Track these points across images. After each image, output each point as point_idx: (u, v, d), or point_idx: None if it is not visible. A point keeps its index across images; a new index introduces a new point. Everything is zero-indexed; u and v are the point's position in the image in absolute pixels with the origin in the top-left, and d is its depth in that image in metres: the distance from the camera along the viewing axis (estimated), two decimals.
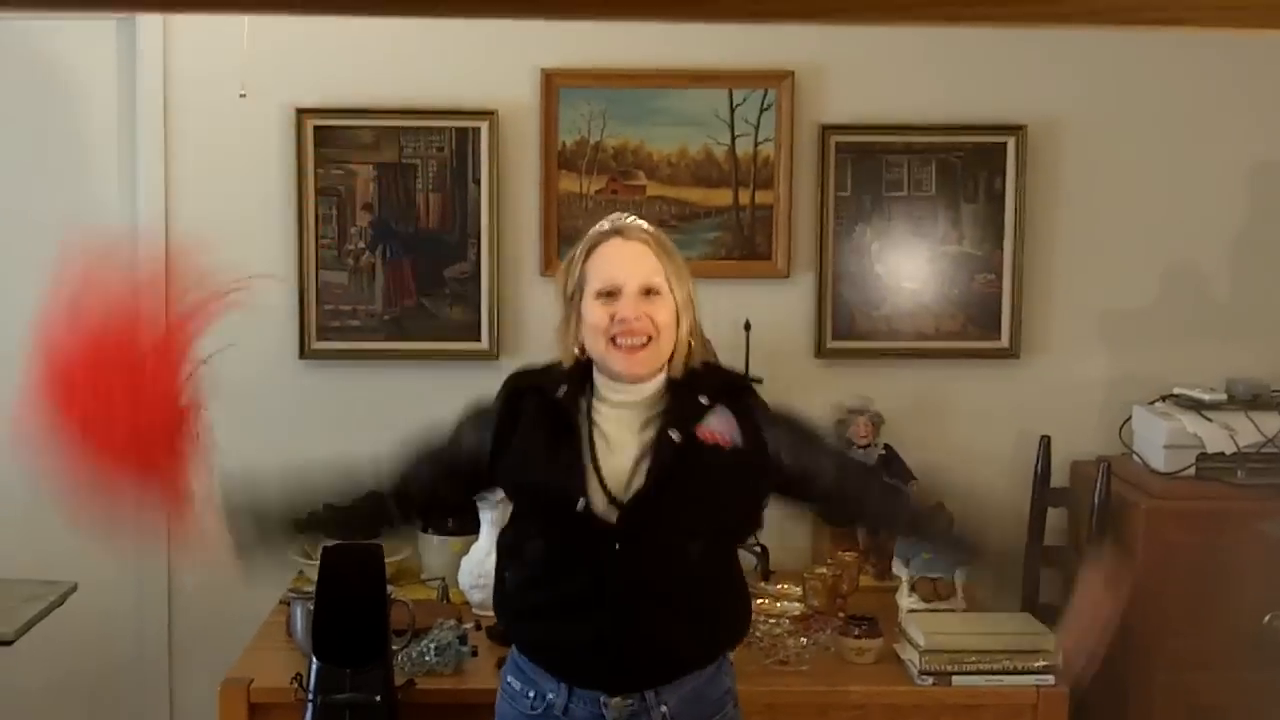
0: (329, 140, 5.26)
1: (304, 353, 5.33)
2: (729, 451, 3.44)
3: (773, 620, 4.52)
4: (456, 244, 5.30)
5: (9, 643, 4.39)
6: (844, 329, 5.39)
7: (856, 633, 4.40)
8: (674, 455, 3.37)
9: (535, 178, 5.32)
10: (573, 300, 3.45)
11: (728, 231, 5.34)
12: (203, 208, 5.31)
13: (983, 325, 5.39)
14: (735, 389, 3.55)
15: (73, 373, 3.22)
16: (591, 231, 3.50)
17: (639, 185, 5.31)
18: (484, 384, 3.70)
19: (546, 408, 3.45)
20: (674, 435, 3.38)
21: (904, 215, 5.35)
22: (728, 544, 3.62)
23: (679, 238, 5.02)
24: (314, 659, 3.86)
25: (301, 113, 5.24)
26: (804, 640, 4.45)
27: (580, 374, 3.47)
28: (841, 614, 4.65)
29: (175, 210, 5.28)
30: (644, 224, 3.49)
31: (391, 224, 5.30)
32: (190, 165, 5.30)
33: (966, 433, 5.45)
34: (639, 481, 3.37)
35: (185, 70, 5.26)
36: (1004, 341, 5.39)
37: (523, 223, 5.34)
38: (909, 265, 5.38)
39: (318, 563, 4.08)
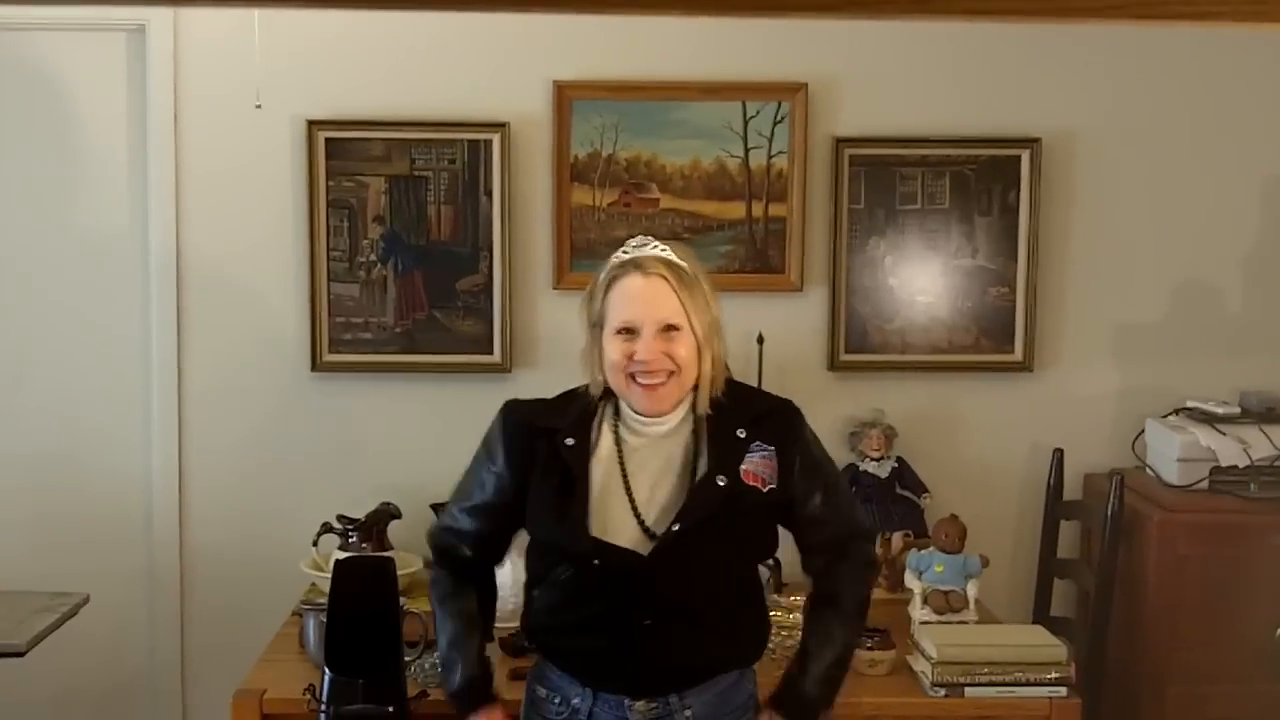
0: (340, 152, 5.27)
1: (315, 365, 5.34)
2: (765, 492, 3.49)
3: (785, 632, 4.52)
4: (468, 256, 5.30)
5: (21, 654, 4.39)
6: (857, 342, 5.40)
7: (869, 644, 4.38)
8: (719, 500, 3.42)
9: (547, 190, 5.31)
10: (595, 330, 3.49)
11: (741, 245, 5.34)
12: (214, 220, 5.33)
13: (996, 338, 5.40)
14: (778, 418, 3.57)
15: None
16: (612, 261, 3.50)
17: (652, 198, 5.32)
18: (496, 397, 3.72)
19: (555, 456, 3.47)
20: (720, 481, 3.43)
21: (917, 228, 5.36)
22: (752, 567, 3.67)
23: (692, 250, 5.07)
24: (327, 670, 3.86)
25: (313, 125, 5.24)
26: None
27: (595, 409, 3.52)
28: None
29: (186, 222, 5.30)
30: (665, 252, 3.49)
31: (403, 236, 5.30)
32: (201, 177, 5.31)
33: (979, 445, 5.48)
34: (672, 518, 3.41)
35: (195, 82, 5.27)
36: (1017, 354, 5.40)
37: (535, 235, 5.34)
38: (922, 278, 5.38)
39: (330, 575, 4.09)
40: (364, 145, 5.28)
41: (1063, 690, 4.27)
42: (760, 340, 5.23)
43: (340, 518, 4.89)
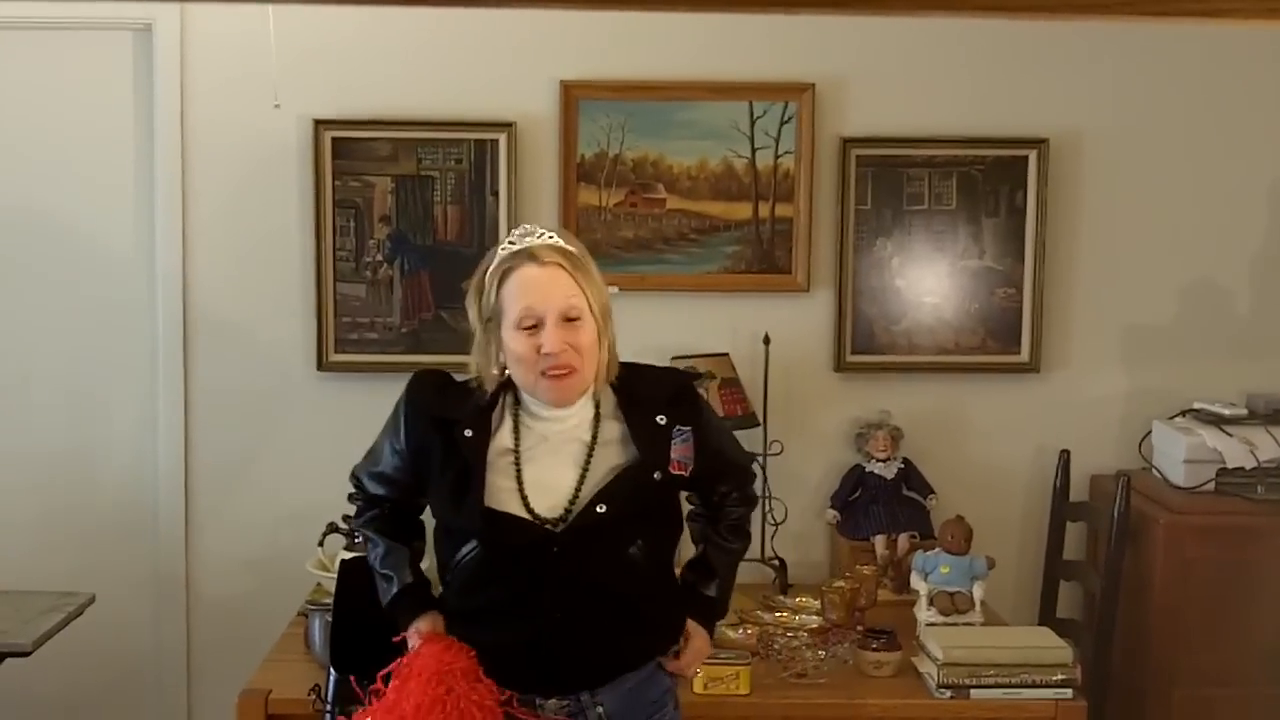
0: (347, 152, 5.29)
1: (321, 365, 5.36)
2: (687, 477, 3.52)
3: (790, 633, 4.57)
4: (474, 256, 4.88)
5: (27, 653, 4.43)
6: (863, 343, 5.42)
7: (874, 646, 4.41)
8: (649, 491, 3.43)
9: (554, 190, 5.33)
10: (489, 325, 3.42)
11: (747, 245, 5.37)
12: (220, 220, 5.35)
13: (1003, 340, 5.43)
14: (686, 396, 3.56)
15: None
16: (502, 253, 3.43)
17: (659, 198, 5.34)
18: None
19: (453, 446, 3.43)
20: (657, 475, 3.43)
21: (924, 229, 5.39)
22: (666, 548, 3.61)
23: (698, 251, 5.33)
24: (332, 671, 3.86)
25: (319, 124, 5.27)
26: (822, 653, 4.53)
27: (493, 401, 3.47)
28: (859, 627, 4.68)
29: (192, 223, 5.32)
30: (552, 238, 3.42)
31: (409, 236, 5.32)
32: (207, 176, 5.33)
33: (986, 447, 5.51)
34: (567, 502, 3.39)
35: (202, 82, 5.30)
36: (1024, 356, 5.43)
37: None
38: (929, 279, 5.41)
39: (335, 575, 4.11)
40: (370, 145, 5.30)
41: (1068, 692, 4.27)
42: (766, 341, 5.22)
43: (346, 518, 4.56)
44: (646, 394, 3.50)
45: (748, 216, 5.37)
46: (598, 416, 3.47)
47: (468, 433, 3.42)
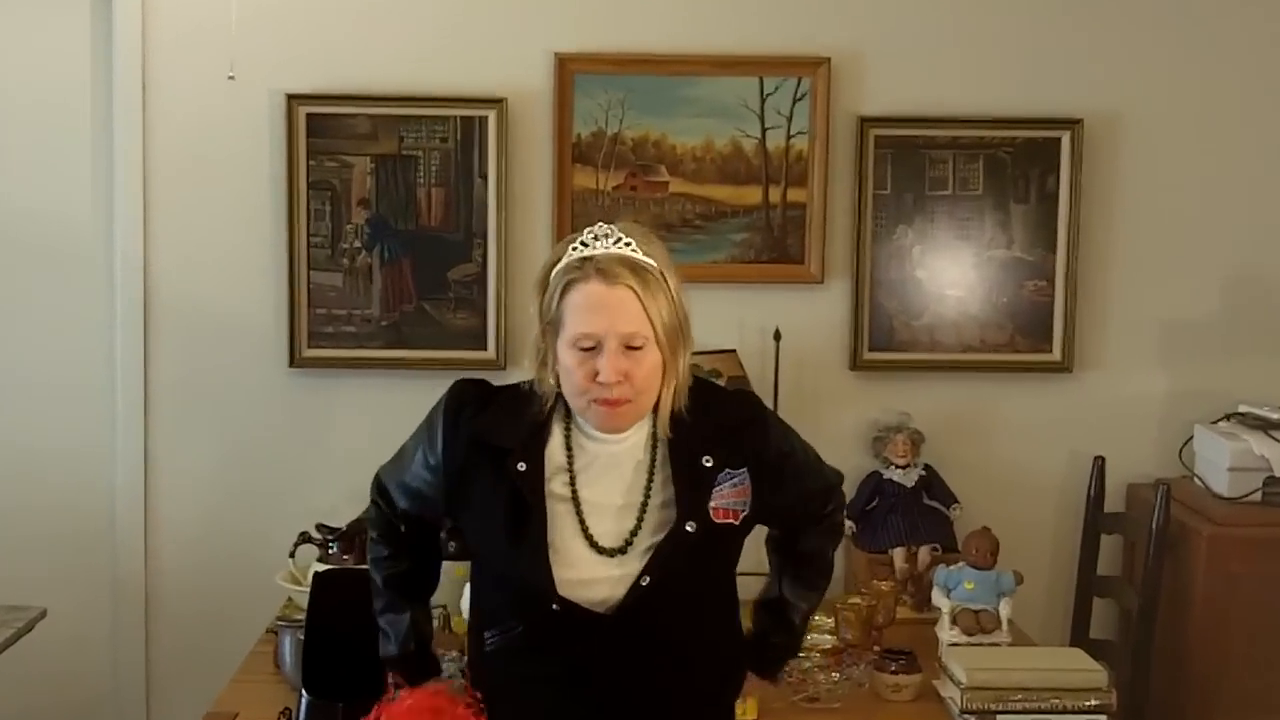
0: (322, 129, 5.27)
1: (294, 361, 5.33)
2: (740, 524, 3.41)
3: (802, 654, 4.50)
4: (461, 244, 5.31)
5: None
6: (882, 339, 5.41)
7: (893, 668, 4.38)
8: (688, 547, 3.32)
9: (548, 172, 5.31)
10: (548, 329, 3.32)
11: (757, 232, 5.35)
12: (184, 204, 5.32)
13: (1033, 336, 5.41)
14: (747, 433, 3.44)
15: None
16: (570, 259, 3.29)
17: (661, 181, 5.32)
18: None
19: (503, 477, 3.33)
20: (690, 528, 3.32)
21: (948, 216, 5.37)
22: (727, 600, 3.55)
23: (703, 239, 5.38)
24: (304, 692, 3.85)
25: (293, 99, 5.24)
26: (836, 676, 4.47)
27: (546, 416, 3.38)
28: (877, 647, 4.65)
29: (154, 202, 5.30)
30: (629, 248, 3.29)
31: (390, 221, 5.30)
32: (170, 154, 5.30)
33: (1014, 452, 5.48)
34: (624, 541, 3.33)
35: (165, 50, 5.26)
36: (1056, 354, 5.42)
37: (533, 221, 5.34)
38: (953, 271, 5.39)
39: (308, 589, 4.10)
40: (348, 122, 5.27)
41: (1102, 718, 4.22)
42: (777, 336, 5.24)
43: (319, 527, 4.85)
44: (699, 427, 3.37)
45: (757, 201, 5.36)
46: (654, 438, 3.38)
47: (521, 466, 3.32)
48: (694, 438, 3.36)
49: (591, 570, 3.31)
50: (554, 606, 3.28)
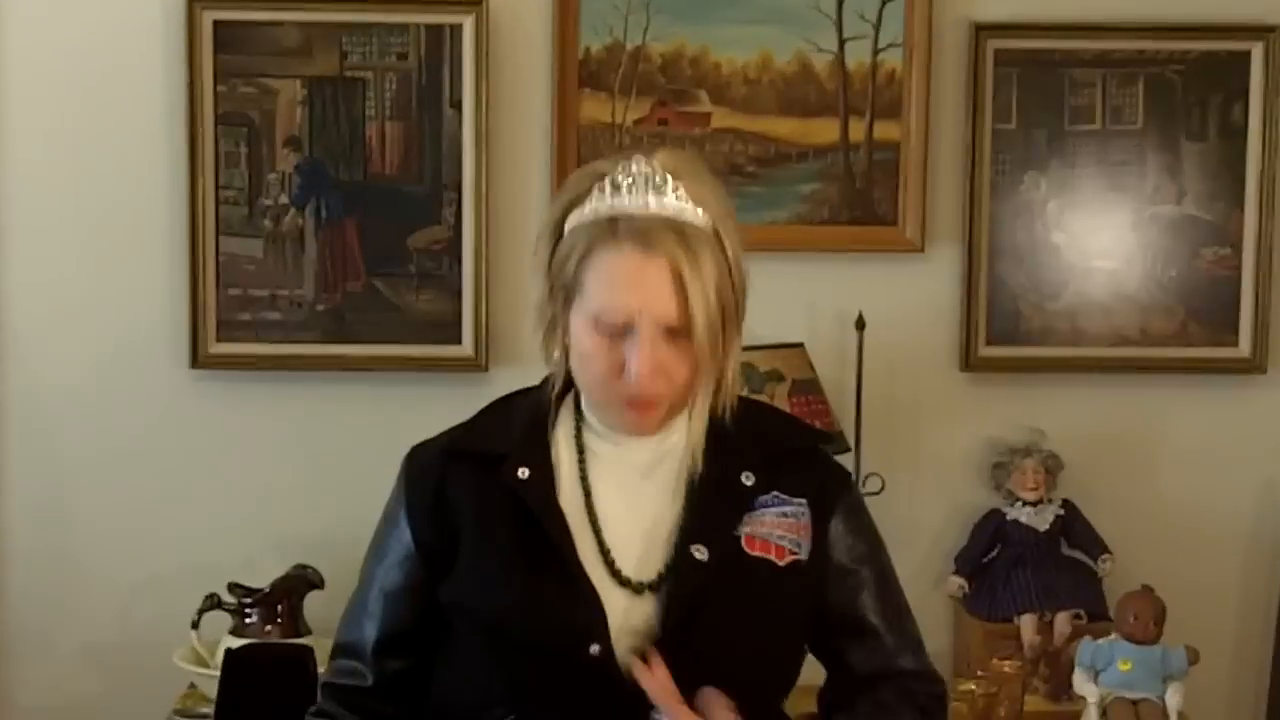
0: (235, 42, 5.02)
1: (197, 360, 5.07)
2: (784, 565, 3.09)
3: None
4: (426, 199, 5.09)
5: None
6: (1004, 329, 5.18)
7: None
8: (703, 584, 3.05)
9: (545, 100, 5.08)
10: (558, 294, 3.11)
11: (832, 183, 5.12)
12: (50, 137, 5.07)
13: (1212, 324, 5.18)
14: (814, 463, 3.23)
15: None
16: (596, 211, 3.05)
17: (700, 113, 5.09)
18: (466, 406, 3.31)
19: (501, 495, 3.11)
20: (698, 554, 3.04)
21: (1095, 160, 5.13)
22: (772, 702, 3.24)
23: (758, 192, 5.18)
24: None
25: (195, 1, 4.97)
26: None
27: (547, 410, 3.22)
28: None
29: (8, 151, 5.06)
30: (678, 200, 3.04)
31: (329, 169, 5.08)
32: (31, 73, 5.06)
33: (1185, 480, 5.24)
34: (649, 609, 3.09)
35: None
36: (1243, 349, 5.18)
37: (525, 168, 5.10)
38: (1103, 235, 5.15)
39: (218, 672, 4.18)
40: (271, 33, 5.05)
41: None
42: (860, 325, 4.98)
43: (233, 587, 4.74)
44: (745, 439, 3.14)
45: (834, 140, 5.11)
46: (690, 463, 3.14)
47: (523, 473, 3.10)
48: (735, 451, 3.16)
49: (614, 608, 3.06)
50: (593, 650, 3.00)
